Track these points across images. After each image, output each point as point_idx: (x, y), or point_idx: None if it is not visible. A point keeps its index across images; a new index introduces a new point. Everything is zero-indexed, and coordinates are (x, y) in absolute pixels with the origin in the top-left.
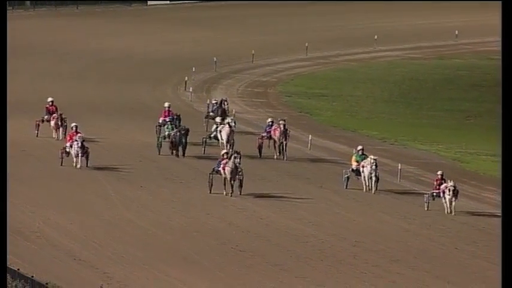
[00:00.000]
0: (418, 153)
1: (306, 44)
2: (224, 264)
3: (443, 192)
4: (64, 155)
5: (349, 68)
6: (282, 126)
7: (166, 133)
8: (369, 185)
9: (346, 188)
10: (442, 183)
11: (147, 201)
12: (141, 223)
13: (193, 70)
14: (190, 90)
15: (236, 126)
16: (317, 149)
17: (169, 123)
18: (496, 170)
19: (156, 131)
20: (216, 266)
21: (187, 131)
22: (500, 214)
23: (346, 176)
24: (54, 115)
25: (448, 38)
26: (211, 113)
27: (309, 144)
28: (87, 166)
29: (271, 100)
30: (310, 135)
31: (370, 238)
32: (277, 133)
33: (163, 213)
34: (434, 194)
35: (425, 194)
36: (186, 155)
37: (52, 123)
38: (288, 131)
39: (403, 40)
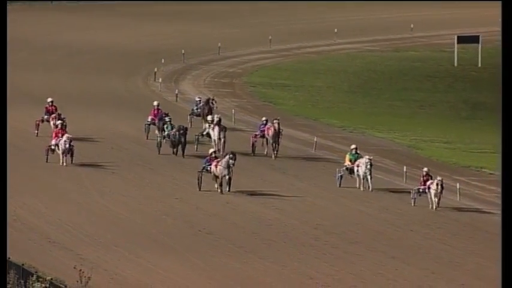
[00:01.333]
0: (376, 141)
1: (270, 37)
2: (192, 246)
3: (429, 188)
4: (50, 152)
5: (311, 59)
6: (276, 125)
7: (166, 133)
8: (363, 184)
9: (339, 186)
10: (428, 180)
11: (119, 187)
12: (113, 207)
13: (163, 62)
14: (160, 80)
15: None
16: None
17: (168, 123)
18: (448, 156)
19: (145, 129)
20: (184, 247)
21: (185, 130)
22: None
23: (339, 174)
24: (53, 115)
25: (403, 32)
26: (196, 111)
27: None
28: (71, 163)
29: (236, 90)
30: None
31: (330, 221)
32: (271, 132)
33: (134, 198)
34: (421, 190)
35: (412, 190)
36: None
37: (51, 123)
38: (281, 131)
39: (362, 33)
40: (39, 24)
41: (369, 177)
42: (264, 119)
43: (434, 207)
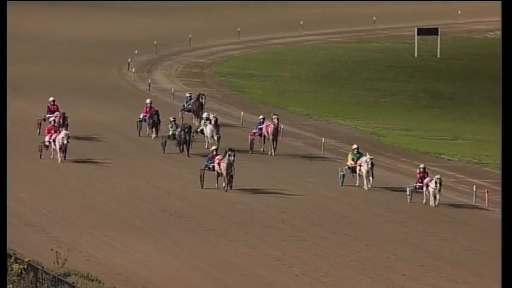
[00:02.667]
0: (340, 128)
1: (238, 29)
2: (163, 229)
3: (427, 186)
4: (43, 148)
5: (278, 50)
6: (275, 120)
7: (171, 132)
8: (366, 183)
9: (341, 184)
10: (424, 176)
11: (94, 173)
12: (88, 192)
13: (136, 52)
14: (133, 70)
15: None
16: (248, 124)
17: (173, 122)
18: (408, 143)
19: (137, 126)
20: (156, 230)
21: (190, 128)
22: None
23: (341, 173)
24: (56, 113)
25: (366, 24)
26: (186, 106)
27: (241, 120)
28: (64, 159)
29: (206, 80)
30: (242, 112)
31: (296, 205)
32: (270, 130)
33: (109, 183)
34: (417, 186)
35: (408, 187)
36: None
37: (54, 122)
38: (280, 127)
39: (326, 25)
40: (15, 16)
41: (370, 176)
42: (261, 117)
43: (433, 204)
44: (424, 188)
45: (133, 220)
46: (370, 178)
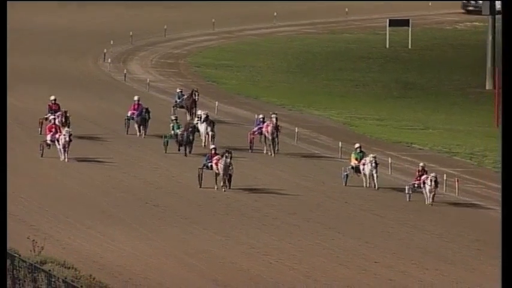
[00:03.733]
0: (313, 118)
1: (213, 20)
2: (139, 218)
3: (424, 183)
4: (45, 147)
5: (252, 41)
6: (274, 120)
7: (173, 132)
8: (370, 182)
9: (345, 185)
10: (423, 175)
11: (70, 161)
12: (65, 181)
13: (112, 43)
14: (109, 61)
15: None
16: (223, 114)
17: (174, 121)
18: (380, 132)
19: (125, 124)
20: (132, 219)
21: (194, 128)
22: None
23: (345, 173)
24: (58, 113)
25: (339, 15)
26: (179, 102)
27: (216, 110)
28: (68, 158)
29: (181, 70)
30: (216, 102)
31: (270, 194)
32: (269, 129)
33: (85, 173)
34: (416, 185)
35: (407, 185)
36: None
37: (56, 121)
38: (279, 127)
39: (300, 17)
40: None
41: (374, 175)
42: (261, 116)
43: (429, 202)
44: (422, 186)
45: (110, 209)
46: (374, 177)
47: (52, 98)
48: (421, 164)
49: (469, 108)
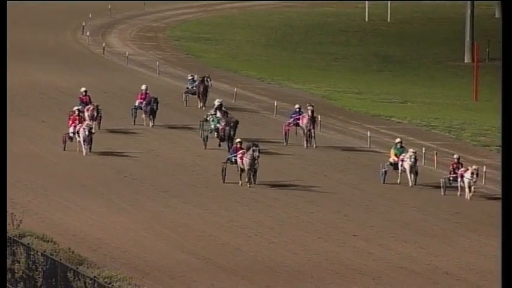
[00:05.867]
0: (292, 91)
1: None
2: (118, 191)
3: (462, 176)
4: (67, 139)
5: (231, 15)
6: (309, 112)
7: (213, 126)
8: (410, 179)
9: (383, 182)
10: (458, 167)
11: (49, 136)
12: (43, 154)
13: (90, 16)
14: (88, 34)
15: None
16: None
17: (214, 116)
18: (359, 106)
19: (132, 113)
20: (111, 192)
21: (236, 123)
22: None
23: (383, 170)
24: (89, 106)
25: None
26: (191, 89)
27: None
28: (90, 151)
29: (160, 43)
30: (196, 75)
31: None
32: (305, 120)
33: (66, 147)
34: (451, 178)
35: (442, 178)
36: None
37: (87, 114)
38: (315, 118)
39: None
40: None
41: (414, 172)
42: (297, 106)
43: (467, 196)
44: (459, 179)
45: (88, 182)
46: (413, 172)
47: (82, 89)
48: (456, 156)
49: (447, 81)
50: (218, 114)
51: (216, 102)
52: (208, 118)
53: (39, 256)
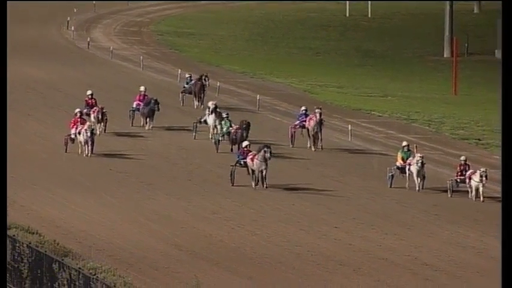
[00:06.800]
0: (274, 85)
1: None
2: (104, 184)
3: (470, 178)
4: (69, 141)
5: (214, 10)
6: (317, 115)
7: (225, 129)
8: (418, 183)
9: (390, 186)
10: (465, 169)
11: (35, 128)
12: (30, 147)
13: (75, 11)
14: (72, 29)
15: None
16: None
17: (226, 119)
18: (341, 100)
19: (130, 115)
20: (97, 185)
21: (248, 125)
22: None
23: (390, 174)
24: (94, 108)
25: None
26: (188, 88)
27: (178, 78)
28: (92, 153)
29: (144, 38)
30: (179, 70)
31: (232, 160)
32: (312, 123)
33: (51, 140)
34: (458, 180)
35: (449, 180)
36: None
37: (92, 116)
38: (323, 121)
39: None
40: None
41: (421, 176)
42: (303, 108)
43: (474, 199)
44: (467, 181)
45: (74, 175)
46: (421, 177)
47: (89, 92)
48: (463, 158)
49: (427, 75)
50: (212, 116)
51: (211, 105)
52: (202, 120)
53: (25, 248)
